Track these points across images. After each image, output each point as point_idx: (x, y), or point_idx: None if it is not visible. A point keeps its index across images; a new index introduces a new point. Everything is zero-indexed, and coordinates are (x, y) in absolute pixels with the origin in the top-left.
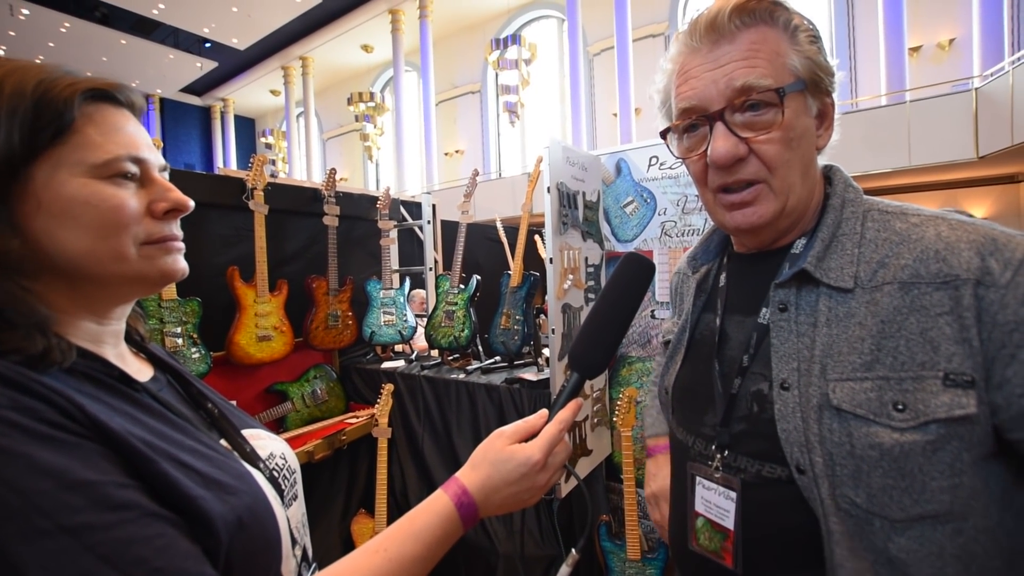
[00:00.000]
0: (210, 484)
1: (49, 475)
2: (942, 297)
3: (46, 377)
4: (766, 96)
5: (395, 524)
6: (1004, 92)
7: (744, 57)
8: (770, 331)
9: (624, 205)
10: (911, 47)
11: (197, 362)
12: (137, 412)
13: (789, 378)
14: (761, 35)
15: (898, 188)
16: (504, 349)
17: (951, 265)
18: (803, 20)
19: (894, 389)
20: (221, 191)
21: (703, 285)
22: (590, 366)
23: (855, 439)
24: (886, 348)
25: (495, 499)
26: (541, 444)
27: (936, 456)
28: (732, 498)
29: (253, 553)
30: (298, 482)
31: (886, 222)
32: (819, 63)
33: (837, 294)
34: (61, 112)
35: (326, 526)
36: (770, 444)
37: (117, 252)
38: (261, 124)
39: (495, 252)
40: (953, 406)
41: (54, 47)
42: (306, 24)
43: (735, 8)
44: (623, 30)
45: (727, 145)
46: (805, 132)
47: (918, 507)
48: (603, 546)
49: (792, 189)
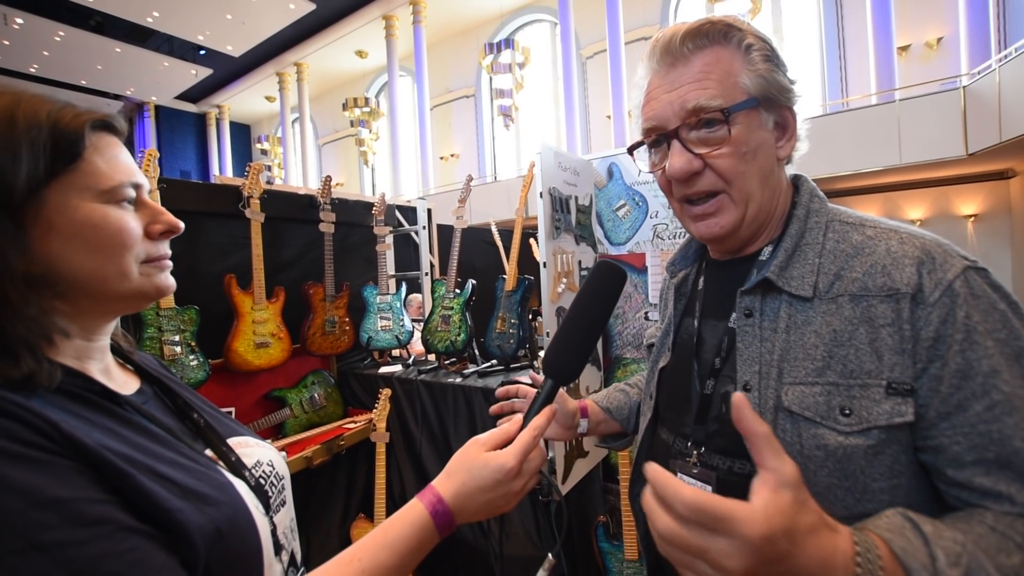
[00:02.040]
0: (188, 495)
1: (21, 494)
2: (886, 309)
3: (26, 397)
4: (715, 115)
5: (369, 534)
6: (991, 90)
7: (696, 79)
8: (736, 335)
9: (616, 209)
10: (900, 46)
11: (195, 369)
12: (117, 426)
13: (751, 380)
14: (714, 56)
15: (889, 186)
16: (500, 353)
17: (894, 279)
18: (758, 39)
19: (842, 395)
20: (217, 199)
21: (682, 289)
22: (563, 372)
23: (804, 439)
24: (837, 356)
25: (470, 506)
26: (515, 451)
27: (877, 459)
28: (709, 490)
29: (233, 563)
30: (286, 488)
31: (845, 233)
32: (772, 80)
33: (797, 302)
34: (75, 141)
35: (325, 531)
36: (737, 442)
37: (122, 270)
38: (257, 130)
39: (491, 255)
40: (893, 414)
41: (49, 56)
42: (300, 31)
43: (687, 33)
44: (615, 33)
45: (681, 161)
46: (760, 145)
47: (860, 506)
48: (601, 547)
49: (751, 198)
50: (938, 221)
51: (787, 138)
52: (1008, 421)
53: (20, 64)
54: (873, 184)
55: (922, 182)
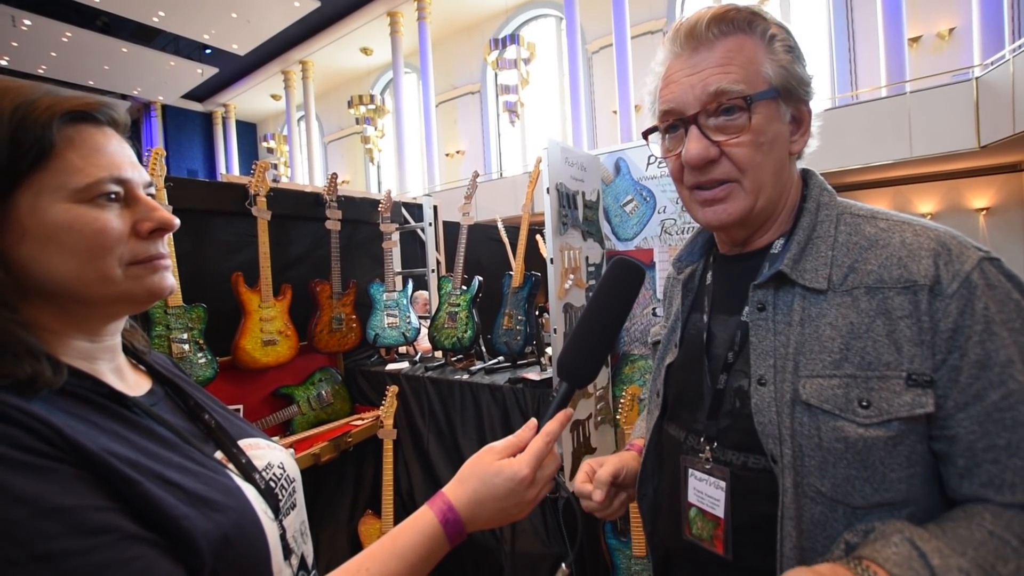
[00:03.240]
0: (195, 502)
1: (23, 503)
2: (903, 301)
3: (29, 402)
4: (737, 101)
5: (379, 541)
6: (1005, 81)
7: (719, 64)
8: (750, 328)
9: (624, 204)
10: (911, 37)
11: (203, 367)
12: (124, 430)
13: (766, 374)
14: (738, 43)
15: (900, 180)
16: (507, 349)
17: (911, 271)
18: (780, 30)
19: (860, 387)
20: (224, 198)
21: (689, 285)
22: (579, 375)
23: (823, 432)
24: (854, 348)
25: (482, 515)
26: (528, 459)
27: (896, 450)
28: (722, 487)
29: (240, 570)
30: (297, 491)
31: (857, 226)
32: (793, 72)
33: (811, 295)
34: (40, 137)
35: (333, 528)
36: (752, 437)
37: (103, 274)
38: (263, 129)
39: (497, 252)
40: (915, 405)
41: (56, 57)
42: (305, 28)
43: (713, 18)
44: (621, 27)
45: (699, 148)
46: (777, 137)
47: (878, 495)
48: (609, 543)
49: (763, 190)
50: (949, 215)
51: (801, 133)
52: (1021, 409)
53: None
54: (883, 178)
55: (933, 175)
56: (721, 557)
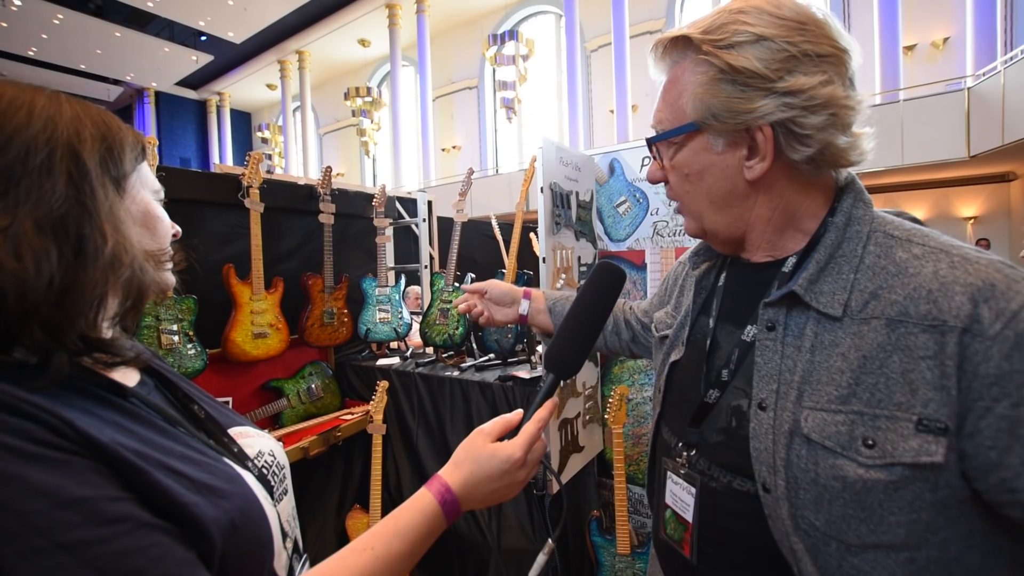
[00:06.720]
0: (202, 489)
1: (42, 494)
2: (927, 340)
3: (35, 394)
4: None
5: (381, 522)
6: (996, 92)
7: (661, 97)
8: (755, 348)
9: (617, 205)
10: (906, 45)
11: (193, 359)
12: (127, 421)
13: (767, 399)
14: (675, 74)
15: (890, 187)
16: (498, 347)
17: (941, 309)
18: (718, 55)
19: (867, 425)
20: (217, 189)
21: (703, 283)
22: (564, 366)
23: (820, 469)
24: (865, 383)
25: (477, 495)
26: (521, 442)
27: (897, 494)
28: (692, 493)
29: (247, 553)
30: (287, 477)
31: (888, 248)
32: (716, 103)
33: (825, 320)
34: (140, 143)
35: (321, 521)
36: (743, 459)
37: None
38: (257, 118)
39: (491, 249)
40: (921, 452)
41: (47, 39)
42: (302, 18)
43: (656, 46)
44: (620, 26)
45: (651, 169)
46: (708, 167)
47: (874, 536)
48: (594, 541)
49: (702, 216)
50: (938, 222)
51: (760, 158)
52: None
53: (18, 47)
54: (875, 184)
55: (923, 183)
56: (688, 560)
